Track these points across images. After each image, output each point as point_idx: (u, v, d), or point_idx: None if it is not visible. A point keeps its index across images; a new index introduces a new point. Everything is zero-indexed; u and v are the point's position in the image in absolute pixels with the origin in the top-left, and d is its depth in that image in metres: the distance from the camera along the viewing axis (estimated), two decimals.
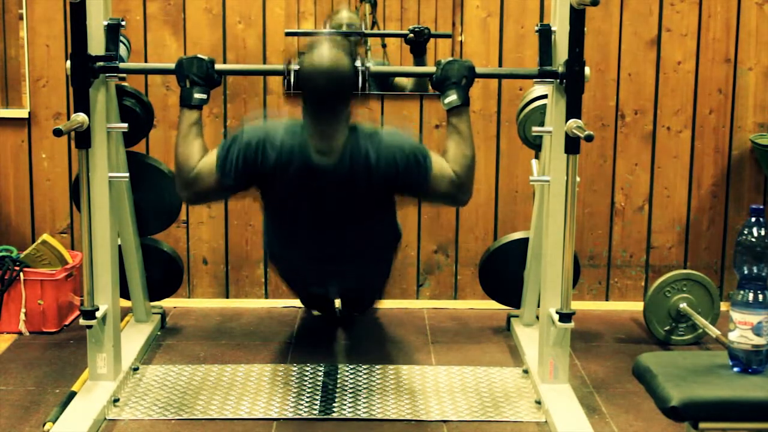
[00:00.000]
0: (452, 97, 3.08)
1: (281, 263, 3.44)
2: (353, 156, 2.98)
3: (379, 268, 3.43)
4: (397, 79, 4.28)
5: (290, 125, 3.05)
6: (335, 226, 3.14)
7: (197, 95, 3.11)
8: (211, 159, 3.06)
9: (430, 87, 3.30)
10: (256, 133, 3.03)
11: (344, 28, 4.16)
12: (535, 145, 3.73)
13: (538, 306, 3.55)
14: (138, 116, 3.64)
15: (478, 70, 3.16)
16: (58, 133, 2.92)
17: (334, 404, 3.29)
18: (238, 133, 3.06)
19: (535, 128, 3.41)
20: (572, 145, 3.14)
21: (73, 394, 3.23)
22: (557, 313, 3.21)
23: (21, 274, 3.90)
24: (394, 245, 3.46)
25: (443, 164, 3.06)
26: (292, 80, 3.00)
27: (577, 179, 3.17)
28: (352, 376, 3.52)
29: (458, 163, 3.07)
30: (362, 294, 3.72)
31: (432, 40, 4.17)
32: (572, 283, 3.23)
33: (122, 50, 3.42)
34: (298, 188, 3.02)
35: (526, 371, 3.55)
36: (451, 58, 3.14)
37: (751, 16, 4.18)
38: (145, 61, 4.14)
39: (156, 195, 3.79)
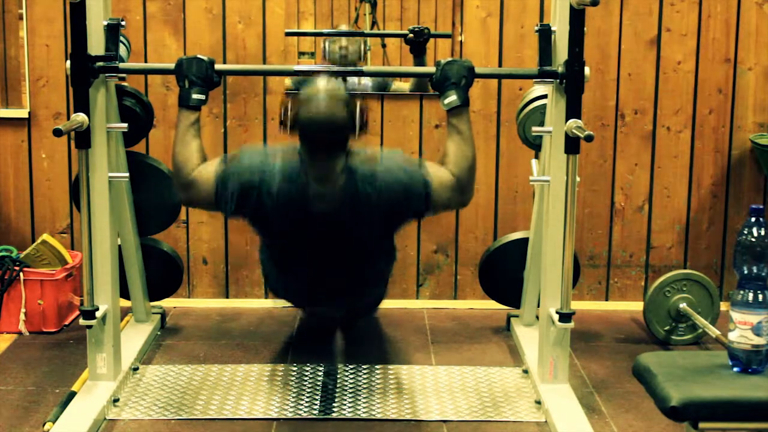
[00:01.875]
0: (452, 98, 3.08)
1: (280, 291, 3.42)
2: (354, 200, 2.95)
3: (377, 289, 3.41)
4: (395, 86, 4.28)
5: (287, 165, 2.99)
6: (336, 262, 3.11)
7: (195, 96, 3.11)
8: (208, 174, 3.03)
9: (429, 87, 3.30)
10: (254, 162, 2.99)
11: (341, 51, 4.18)
12: (535, 145, 3.73)
13: (538, 306, 3.55)
14: (138, 116, 3.63)
15: (478, 70, 3.16)
16: (57, 133, 2.92)
17: (334, 404, 3.29)
18: (239, 156, 3.02)
19: (535, 128, 3.41)
20: (572, 145, 3.14)
21: (73, 394, 3.23)
22: (557, 313, 3.21)
23: (21, 274, 3.89)
24: (390, 266, 3.42)
25: (441, 175, 3.05)
26: (288, 124, 2.96)
27: (577, 179, 3.17)
28: (352, 376, 3.52)
29: (458, 165, 3.06)
30: (360, 309, 3.70)
31: (432, 40, 4.17)
32: (572, 283, 3.23)
33: (122, 50, 3.42)
34: (296, 233, 3.01)
35: (526, 371, 3.55)
36: (450, 59, 3.14)
37: (751, 16, 4.18)
38: (145, 61, 4.14)
39: (156, 195, 3.79)
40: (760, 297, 2.27)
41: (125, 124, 3.35)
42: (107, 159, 3.25)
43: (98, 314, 3.19)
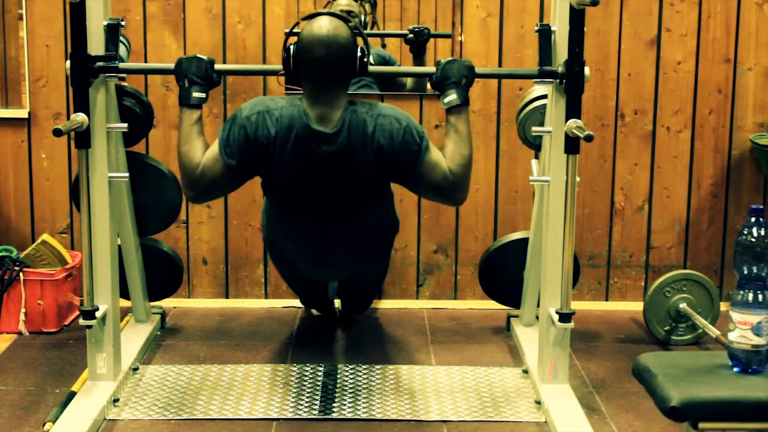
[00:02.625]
0: (452, 97, 3.09)
1: (280, 252, 3.45)
2: (351, 125, 3.01)
3: (376, 257, 3.44)
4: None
5: (289, 98, 3.09)
6: (334, 206, 3.16)
7: (196, 94, 3.12)
8: (213, 148, 3.08)
9: (429, 87, 3.31)
10: (255, 108, 3.06)
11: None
12: (535, 145, 3.73)
13: (538, 306, 3.55)
14: (138, 116, 3.63)
15: (478, 70, 3.16)
16: (57, 133, 2.91)
17: (333, 404, 3.29)
18: (237, 112, 3.08)
19: (535, 128, 3.41)
20: (572, 145, 3.14)
21: (72, 394, 3.23)
22: (557, 313, 3.21)
23: (21, 274, 3.89)
24: (391, 235, 3.47)
25: (440, 156, 3.09)
26: (291, 50, 3.03)
27: (577, 179, 3.17)
28: (352, 376, 3.52)
29: (455, 162, 3.08)
30: (360, 286, 3.72)
31: (432, 40, 4.17)
32: (572, 283, 3.23)
33: (122, 50, 3.42)
34: (298, 159, 3.03)
35: (525, 371, 3.55)
36: (450, 58, 3.14)
37: (751, 16, 4.18)
38: (145, 61, 4.14)
39: (156, 195, 3.79)
40: (760, 297, 2.27)
41: (125, 124, 3.35)
42: (107, 159, 3.25)
43: (98, 314, 3.19)
